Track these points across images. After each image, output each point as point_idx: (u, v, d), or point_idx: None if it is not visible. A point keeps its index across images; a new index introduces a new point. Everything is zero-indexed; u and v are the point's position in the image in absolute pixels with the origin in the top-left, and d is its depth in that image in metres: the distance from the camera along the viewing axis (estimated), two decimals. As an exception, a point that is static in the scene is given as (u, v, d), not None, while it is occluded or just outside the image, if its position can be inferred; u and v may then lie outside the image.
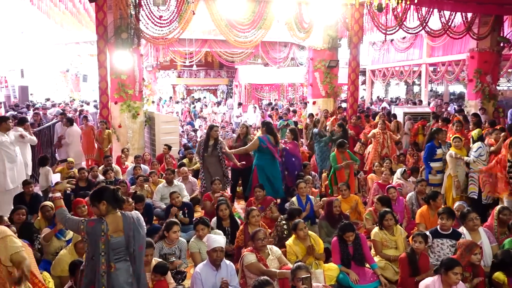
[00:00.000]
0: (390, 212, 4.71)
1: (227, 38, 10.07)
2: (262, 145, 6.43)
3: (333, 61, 11.51)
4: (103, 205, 3.15)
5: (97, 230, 3.06)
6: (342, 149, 6.92)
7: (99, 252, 3.06)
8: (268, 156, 6.50)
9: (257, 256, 3.96)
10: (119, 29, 8.96)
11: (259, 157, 6.54)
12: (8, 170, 6.26)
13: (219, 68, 24.08)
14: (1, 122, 6.32)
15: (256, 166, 6.56)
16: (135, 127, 9.65)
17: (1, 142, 6.19)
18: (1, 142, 6.19)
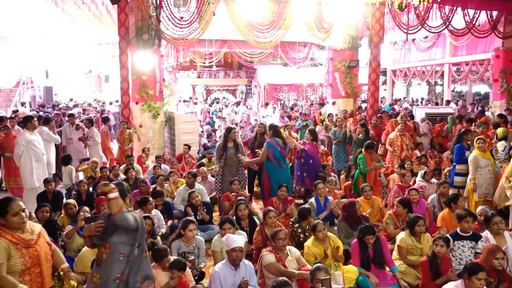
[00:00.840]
0: (422, 218, 4.60)
1: (246, 38, 10.10)
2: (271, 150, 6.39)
3: (353, 61, 11.40)
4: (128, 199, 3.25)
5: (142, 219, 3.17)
6: (371, 151, 6.80)
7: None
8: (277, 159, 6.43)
9: (276, 256, 3.95)
10: (140, 30, 9.10)
11: (268, 159, 6.48)
12: (35, 168, 6.45)
13: (238, 69, 24.15)
14: (28, 121, 6.52)
15: (266, 168, 6.51)
16: (156, 127, 9.79)
17: (29, 140, 6.38)
18: (29, 141, 6.38)
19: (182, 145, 9.15)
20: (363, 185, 5.96)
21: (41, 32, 16.82)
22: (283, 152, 6.44)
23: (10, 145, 6.85)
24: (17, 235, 2.76)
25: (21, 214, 2.79)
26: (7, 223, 2.75)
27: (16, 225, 2.78)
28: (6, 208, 2.74)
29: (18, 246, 2.74)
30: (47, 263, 2.89)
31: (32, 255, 2.78)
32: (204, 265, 4.70)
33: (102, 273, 3.01)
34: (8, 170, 7.16)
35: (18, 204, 2.80)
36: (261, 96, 21.03)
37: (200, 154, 9.91)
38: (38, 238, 2.88)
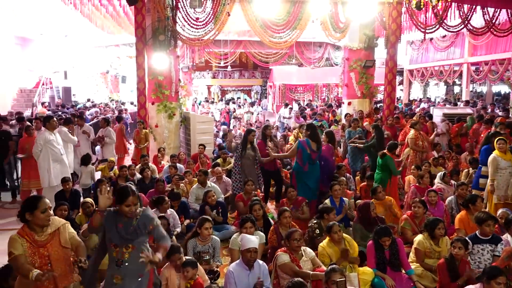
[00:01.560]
0: (442, 221, 4.52)
1: (261, 38, 10.11)
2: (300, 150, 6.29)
3: (370, 61, 11.29)
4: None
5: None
6: (394, 152, 6.72)
7: None
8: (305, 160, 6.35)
9: (290, 257, 3.94)
10: (156, 31, 9.20)
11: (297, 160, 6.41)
12: (52, 167, 6.57)
13: (253, 69, 24.19)
14: (47, 121, 6.65)
15: (293, 168, 6.49)
16: (171, 127, 9.88)
17: (48, 140, 6.51)
18: (48, 141, 6.51)
19: (197, 145, 9.21)
20: (374, 187, 5.90)
21: (60, 34, 17.16)
22: (313, 155, 6.30)
23: (32, 146, 6.87)
24: (31, 235, 2.90)
25: (48, 212, 2.93)
26: (34, 219, 2.88)
27: (42, 222, 2.91)
28: (37, 204, 2.88)
29: (30, 245, 2.88)
30: (59, 262, 2.97)
31: (42, 254, 2.90)
32: (219, 264, 4.72)
33: (125, 273, 3.04)
34: (28, 171, 7.16)
35: (46, 202, 2.94)
36: (276, 96, 21.02)
37: (215, 154, 9.96)
38: (51, 238, 2.97)
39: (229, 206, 6.81)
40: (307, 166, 6.26)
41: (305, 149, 6.24)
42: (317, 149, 6.30)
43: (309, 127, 6.52)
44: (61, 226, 3.07)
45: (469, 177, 6.99)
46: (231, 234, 5.35)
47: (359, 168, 8.04)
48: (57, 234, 3.03)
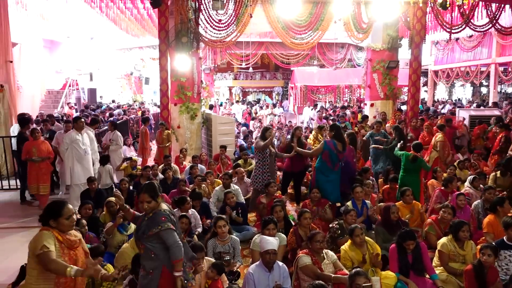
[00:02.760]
0: (467, 224, 4.40)
1: (283, 40, 10.10)
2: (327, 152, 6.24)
3: (393, 61, 11.12)
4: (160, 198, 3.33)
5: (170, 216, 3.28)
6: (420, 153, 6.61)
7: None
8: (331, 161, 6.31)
9: (312, 259, 3.91)
10: (179, 33, 9.31)
11: (320, 161, 6.35)
12: (75, 166, 6.72)
13: (274, 70, 24.17)
14: (75, 121, 6.82)
15: (316, 169, 6.41)
16: (193, 128, 9.97)
17: (74, 139, 6.69)
18: (73, 140, 6.69)
19: (218, 146, 9.26)
20: (404, 189, 5.78)
21: (86, 36, 17.59)
22: (340, 156, 6.28)
23: (39, 150, 6.89)
24: (63, 235, 2.86)
25: (72, 218, 2.90)
26: (59, 225, 2.85)
27: (67, 228, 2.89)
28: (61, 211, 2.85)
29: (62, 245, 2.83)
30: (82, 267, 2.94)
31: (71, 257, 2.86)
32: (239, 265, 4.73)
33: (141, 267, 3.27)
34: (36, 175, 6.94)
35: (69, 208, 2.91)
36: (298, 97, 20.94)
37: (236, 155, 10.00)
38: (79, 243, 2.98)
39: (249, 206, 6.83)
40: (337, 167, 6.25)
41: (331, 150, 6.20)
42: (343, 149, 6.26)
43: (333, 127, 6.46)
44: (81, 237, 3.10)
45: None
46: (252, 235, 5.36)
47: (381, 171, 7.93)
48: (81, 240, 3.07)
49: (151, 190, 3.21)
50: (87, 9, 10.71)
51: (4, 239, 5.84)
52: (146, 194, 3.18)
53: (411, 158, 6.46)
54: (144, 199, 3.17)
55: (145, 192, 3.18)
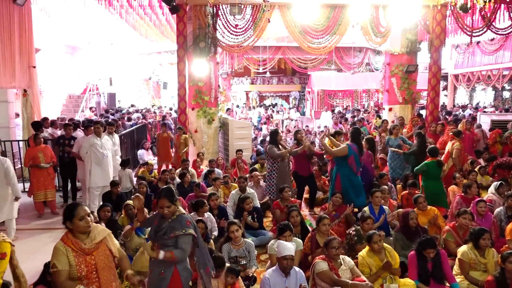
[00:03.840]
0: (488, 232, 4.30)
1: (300, 44, 10.09)
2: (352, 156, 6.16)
3: (412, 65, 10.97)
4: (178, 202, 3.36)
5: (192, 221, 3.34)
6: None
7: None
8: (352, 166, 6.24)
9: (329, 265, 3.87)
10: (197, 38, 9.42)
11: (343, 165, 6.26)
12: (93, 170, 6.83)
13: (291, 75, 24.16)
14: (94, 126, 6.94)
15: (340, 174, 6.29)
16: (210, 132, 10.04)
17: (93, 143, 6.80)
18: (92, 144, 6.80)
19: (235, 150, 9.29)
20: (417, 196, 5.69)
21: (106, 42, 17.93)
22: (360, 159, 6.28)
23: (45, 155, 6.90)
24: (77, 243, 2.87)
25: (86, 219, 2.90)
26: (74, 227, 2.88)
27: (82, 229, 2.90)
28: (73, 212, 2.87)
29: (76, 253, 2.85)
30: (104, 271, 2.96)
31: (88, 263, 2.87)
32: (255, 269, 4.72)
33: (152, 267, 3.31)
34: (43, 182, 6.90)
35: (84, 209, 2.92)
36: (315, 102, 20.86)
37: (253, 159, 10.01)
38: (98, 246, 2.96)
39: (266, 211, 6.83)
40: (359, 171, 6.24)
41: (356, 154, 6.17)
42: (360, 152, 6.28)
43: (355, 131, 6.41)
44: (107, 235, 3.07)
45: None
46: (268, 240, 5.36)
47: (399, 176, 7.83)
48: (104, 243, 3.03)
49: (170, 195, 3.24)
50: (107, 15, 10.92)
51: (27, 240, 5.97)
52: (166, 199, 3.21)
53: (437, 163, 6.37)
54: (164, 204, 3.20)
55: (164, 197, 3.21)
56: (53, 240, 5.25)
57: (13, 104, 9.98)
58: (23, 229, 6.42)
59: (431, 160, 6.52)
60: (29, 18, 8.97)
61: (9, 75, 8.26)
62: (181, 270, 3.28)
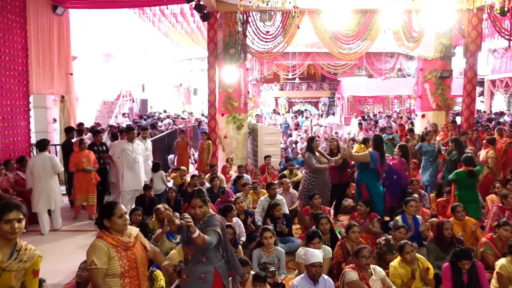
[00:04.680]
0: None
1: (330, 50, 10.02)
2: (372, 162, 6.14)
3: (446, 71, 10.67)
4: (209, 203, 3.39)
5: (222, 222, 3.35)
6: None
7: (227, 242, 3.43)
8: (374, 173, 6.22)
9: (359, 274, 3.80)
10: (227, 45, 9.54)
11: (366, 172, 6.24)
12: (125, 174, 6.99)
13: (321, 81, 24.00)
14: (128, 132, 7.12)
15: (363, 181, 6.28)
16: (239, 138, 10.10)
17: (124, 149, 6.97)
18: (124, 149, 6.97)
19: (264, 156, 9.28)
20: (455, 205, 5.50)
21: (139, 49, 18.43)
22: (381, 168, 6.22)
23: (89, 160, 7.06)
24: (117, 238, 2.93)
25: (124, 217, 2.99)
26: (112, 224, 2.95)
27: (120, 227, 2.97)
28: (113, 210, 2.95)
29: (117, 249, 2.89)
30: (142, 266, 3.03)
31: (130, 258, 2.92)
32: (284, 277, 4.69)
33: (189, 272, 3.24)
34: (86, 186, 7.05)
35: (121, 207, 3.01)
36: (345, 108, 20.63)
37: (282, 165, 9.98)
38: (135, 241, 3.04)
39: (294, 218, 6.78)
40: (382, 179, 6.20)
41: (377, 161, 6.12)
42: (381, 161, 6.18)
43: (374, 138, 6.40)
44: (138, 232, 3.14)
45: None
46: (297, 247, 5.31)
47: (432, 184, 7.61)
48: (139, 239, 3.11)
49: (203, 195, 3.28)
50: (141, 23, 11.23)
51: (62, 241, 6.18)
52: (199, 199, 3.24)
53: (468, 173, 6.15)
54: (196, 204, 3.22)
55: (197, 196, 3.23)
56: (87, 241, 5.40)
57: (51, 110, 10.38)
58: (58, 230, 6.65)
59: (462, 170, 6.29)
60: (67, 27, 9.35)
61: (48, 82, 8.62)
62: (222, 272, 3.28)
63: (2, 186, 6.32)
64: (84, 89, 16.23)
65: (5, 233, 2.55)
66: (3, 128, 7.10)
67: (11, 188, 6.52)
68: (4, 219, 2.55)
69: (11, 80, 7.34)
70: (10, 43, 7.27)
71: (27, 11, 7.75)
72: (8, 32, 7.20)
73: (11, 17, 7.28)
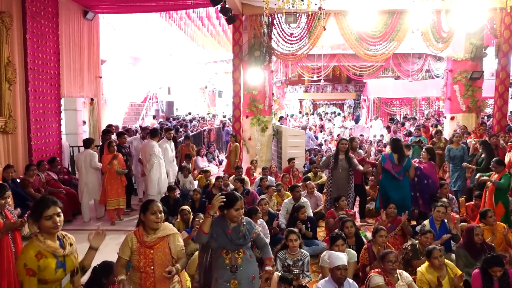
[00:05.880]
0: None
1: (356, 52, 9.91)
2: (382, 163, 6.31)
3: (477, 72, 10.36)
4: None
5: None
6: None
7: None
8: (388, 175, 6.26)
9: (385, 279, 3.73)
10: (252, 47, 9.58)
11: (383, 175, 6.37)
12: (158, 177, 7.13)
13: (346, 82, 23.75)
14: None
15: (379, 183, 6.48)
16: (264, 140, 10.12)
17: (165, 148, 7.11)
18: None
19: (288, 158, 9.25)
20: (484, 210, 5.32)
21: (166, 53, 18.74)
22: (396, 168, 6.18)
23: (119, 162, 6.87)
24: (142, 236, 3.07)
25: (157, 214, 3.07)
26: (146, 220, 3.07)
27: (151, 224, 3.06)
28: (148, 206, 3.07)
29: (140, 245, 3.04)
30: (160, 267, 3.05)
31: (147, 256, 3.03)
32: (308, 280, 4.65)
33: (241, 277, 3.21)
34: (116, 189, 6.88)
35: (157, 205, 3.10)
36: (370, 110, 20.34)
37: (306, 168, 9.93)
38: (158, 241, 3.08)
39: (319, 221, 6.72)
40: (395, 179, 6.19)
41: (387, 160, 6.24)
42: (399, 161, 6.17)
43: (391, 140, 6.56)
44: (171, 235, 3.15)
45: None
46: (321, 250, 5.27)
47: (461, 188, 7.39)
48: (166, 240, 3.12)
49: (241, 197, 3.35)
50: (167, 27, 11.43)
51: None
52: (242, 201, 3.29)
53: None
54: (241, 206, 3.27)
55: (240, 199, 3.28)
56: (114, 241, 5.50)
57: (81, 112, 10.70)
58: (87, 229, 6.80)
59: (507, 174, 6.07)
60: (97, 32, 9.63)
61: (79, 85, 8.89)
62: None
63: (34, 186, 6.54)
64: (112, 92, 16.62)
65: (49, 229, 2.75)
66: (35, 130, 7.36)
67: (42, 188, 6.75)
68: (45, 216, 2.73)
69: (43, 83, 7.60)
70: (43, 47, 7.54)
71: (59, 16, 8.03)
72: (41, 37, 7.46)
73: (44, 22, 7.54)
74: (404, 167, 6.20)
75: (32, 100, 7.17)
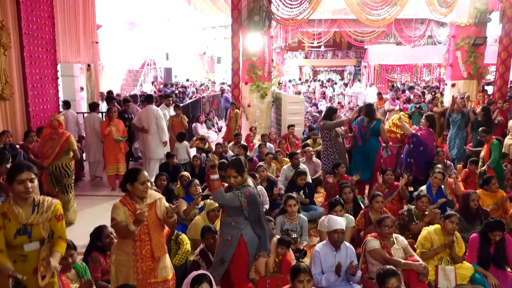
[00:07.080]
0: None
1: (358, 17, 9.71)
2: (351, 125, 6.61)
3: (480, 38, 10.18)
4: (246, 173, 3.42)
5: (254, 195, 3.38)
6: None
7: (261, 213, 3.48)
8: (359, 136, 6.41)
9: (381, 243, 3.81)
10: (252, 12, 9.35)
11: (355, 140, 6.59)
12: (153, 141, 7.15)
13: (347, 49, 23.38)
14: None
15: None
16: (263, 107, 10.07)
17: (164, 114, 7.11)
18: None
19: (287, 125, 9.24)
20: (488, 176, 5.36)
21: (163, 18, 18.33)
22: (362, 130, 6.31)
23: (118, 129, 6.91)
24: (132, 204, 3.04)
25: (146, 184, 3.07)
26: (134, 189, 3.04)
27: (140, 193, 3.06)
28: (136, 176, 3.03)
29: (131, 214, 3.00)
30: (156, 233, 3.10)
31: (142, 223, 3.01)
32: (306, 244, 4.76)
33: (220, 233, 3.46)
34: (115, 155, 6.91)
35: (145, 175, 3.09)
36: (371, 77, 20.13)
37: (305, 135, 9.94)
38: (149, 208, 3.08)
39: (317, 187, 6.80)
40: (360, 141, 6.33)
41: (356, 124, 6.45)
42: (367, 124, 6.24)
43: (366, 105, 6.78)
44: (158, 200, 3.17)
45: None
46: (319, 215, 5.37)
47: (460, 155, 7.44)
48: (154, 206, 3.14)
49: (238, 165, 3.33)
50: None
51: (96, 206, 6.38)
52: (233, 169, 3.31)
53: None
54: (231, 174, 3.30)
55: (232, 167, 3.30)
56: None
57: (78, 79, 10.58)
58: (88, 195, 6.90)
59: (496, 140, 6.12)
60: (92, -4, 9.35)
61: (75, 50, 8.72)
62: (248, 239, 3.38)
63: (33, 152, 6.55)
64: (110, 58, 16.37)
65: (20, 193, 2.63)
66: (33, 96, 7.27)
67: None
68: (17, 179, 2.63)
69: (39, 49, 7.44)
70: (37, 11, 7.33)
71: (53, -22, 7.77)
72: (34, 0, 7.25)
73: (37, -15, 7.31)
74: (372, 129, 6.20)
75: (28, 66, 7.04)
